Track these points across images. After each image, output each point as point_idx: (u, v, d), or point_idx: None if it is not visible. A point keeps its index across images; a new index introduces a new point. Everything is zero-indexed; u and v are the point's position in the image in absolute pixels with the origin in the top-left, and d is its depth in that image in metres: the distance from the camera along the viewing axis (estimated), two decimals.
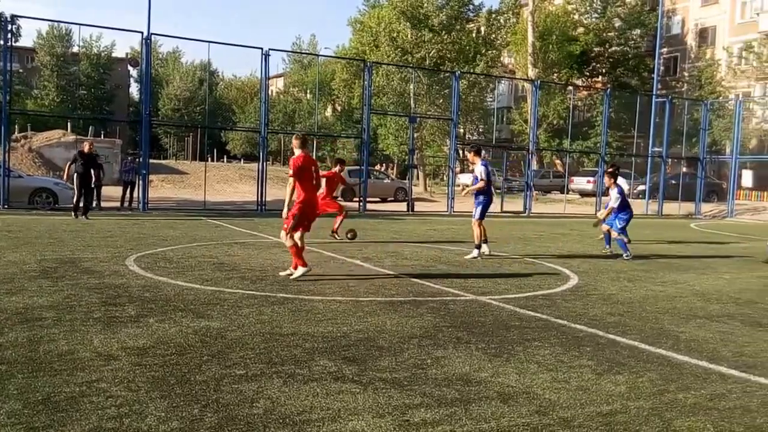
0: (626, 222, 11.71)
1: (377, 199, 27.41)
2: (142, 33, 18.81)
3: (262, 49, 20.00)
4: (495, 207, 25.04)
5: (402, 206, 24.26)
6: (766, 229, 21.02)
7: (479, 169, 10.69)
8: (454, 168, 25.24)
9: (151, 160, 24.71)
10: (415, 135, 29.96)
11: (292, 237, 7.72)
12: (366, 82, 22.58)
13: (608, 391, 4.14)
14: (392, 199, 28.64)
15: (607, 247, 12.19)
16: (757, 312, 7.02)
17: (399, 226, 16.80)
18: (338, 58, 48.76)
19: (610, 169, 12.12)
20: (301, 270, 7.77)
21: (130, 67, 65.02)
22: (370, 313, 6.11)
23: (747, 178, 30.59)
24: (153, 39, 20.18)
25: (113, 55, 63.31)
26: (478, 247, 10.61)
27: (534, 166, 28.40)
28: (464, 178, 29.07)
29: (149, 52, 19.23)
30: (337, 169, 12.82)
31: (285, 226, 7.81)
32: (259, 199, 20.18)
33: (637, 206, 27.67)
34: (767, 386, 4.40)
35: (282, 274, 8.02)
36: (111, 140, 34.63)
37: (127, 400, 3.65)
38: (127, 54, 65.83)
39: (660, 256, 12.13)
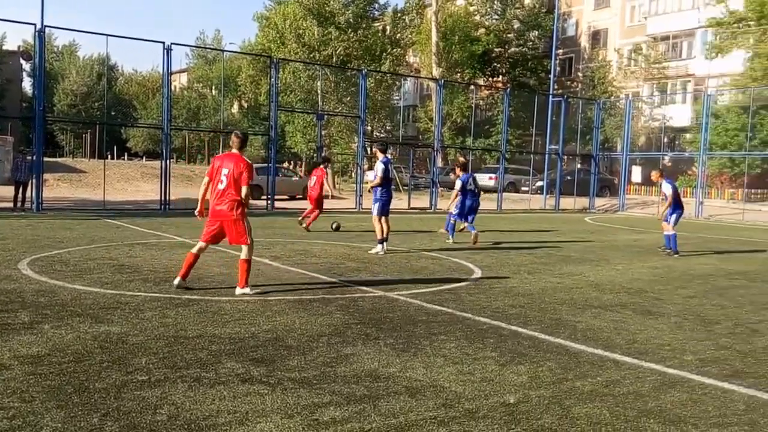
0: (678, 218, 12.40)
1: (285, 197, 27.12)
2: (35, 25, 17.56)
3: (164, 43, 19.24)
4: (402, 203, 25.54)
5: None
6: (653, 223, 22.57)
7: (378, 166, 11.01)
8: (362, 165, 25.36)
9: (46, 159, 23.17)
10: (323, 132, 29.86)
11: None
12: (273, 79, 22.24)
13: (511, 381, 4.30)
14: (300, 196, 28.41)
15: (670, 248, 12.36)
16: (647, 301, 7.52)
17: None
18: (244, 54, 47.73)
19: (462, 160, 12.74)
20: None
21: (22, 61, 60.27)
22: (278, 313, 6.04)
23: (636, 173, 32.77)
24: (47, 31, 18.93)
25: (4, 47, 58.71)
26: (381, 242, 10.79)
27: (439, 163, 29.06)
28: (371, 175, 29.26)
29: (43, 45, 18.06)
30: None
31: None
32: (163, 198, 19.40)
33: (536, 201, 29.33)
34: (657, 371, 4.71)
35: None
36: (2, 138, 32.18)
37: (20, 412, 3.42)
38: (19, 47, 61.18)
39: (557, 248, 12.74)
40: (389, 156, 11.74)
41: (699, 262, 11.47)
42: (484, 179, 33.25)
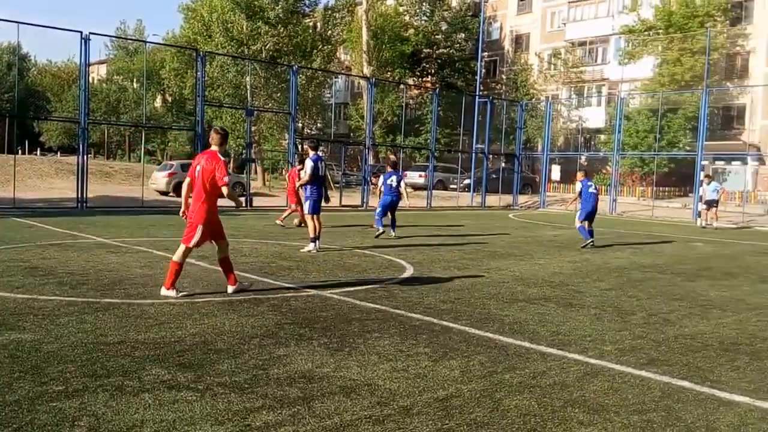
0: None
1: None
2: None
3: (81, 32, 18.35)
4: (334, 201, 25.43)
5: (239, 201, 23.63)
6: (570, 218, 23.42)
7: (307, 163, 10.98)
8: (293, 162, 25.08)
9: None
10: (253, 128, 29.34)
11: None
12: (199, 73, 21.65)
13: (443, 377, 4.35)
14: None
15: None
16: (568, 294, 7.79)
17: (237, 222, 16.36)
18: (168, 45, 46.15)
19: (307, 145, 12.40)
20: None
21: None
22: (206, 315, 5.86)
23: (556, 172, 34.24)
24: None
25: None
26: (314, 240, 10.72)
27: (371, 160, 29.15)
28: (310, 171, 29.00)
29: None
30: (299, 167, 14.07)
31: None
32: (79, 196, 18.53)
33: (464, 199, 29.97)
34: (580, 362, 4.88)
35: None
36: None
37: None
38: None
39: (485, 244, 13.01)
40: (320, 153, 11.66)
41: (614, 255, 12.00)
42: (414, 177, 33.73)
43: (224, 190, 6.48)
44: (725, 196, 23.92)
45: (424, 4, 46.59)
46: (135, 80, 58.43)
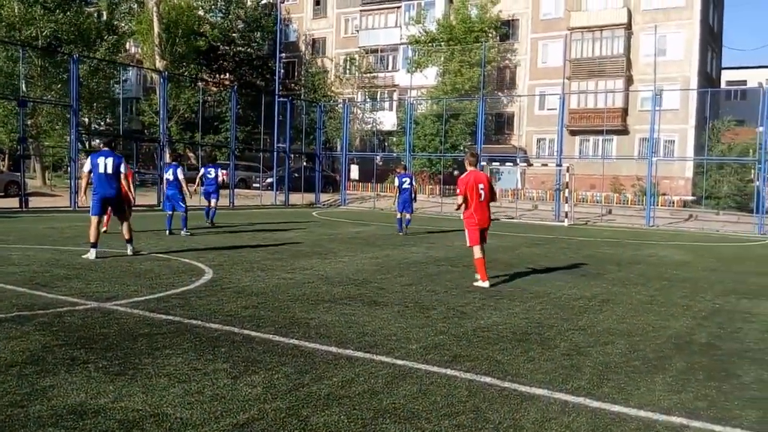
0: None
1: None
2: None
3: None
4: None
5: (15, 202, 20.74)
6: (370, 215, 24.17)
7: (88, 160, 9.91)
8: (76, 159, 22.65)
9: None
10: (29, 122, 25.92)
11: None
12: None
13: (245, 396, 3.93)
14: (2, 194, 24.82)
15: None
16: (372, 291, 7.78)
17: (8, 225, 14.24)
18: None
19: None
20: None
21: None
22: None
23: (354, 171, 35.50)
24: None
25: None
26: (94, 245, 9.59)
27: (167, 158, 27.34)
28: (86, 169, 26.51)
29: None
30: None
31: None
32: None
33: (267, 197, 29.45)
34: (388, 364, 4.74)
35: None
36: None
37: None
38: None
39: (289, 243, 12.72)
40: (109, 149, 10.42)
41: (412, 251, 12.46)
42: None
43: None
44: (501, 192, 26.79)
45: (218, 0, 45.44)
46: None
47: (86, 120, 38.76)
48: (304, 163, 36.93)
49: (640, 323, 6.54)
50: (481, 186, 8.44)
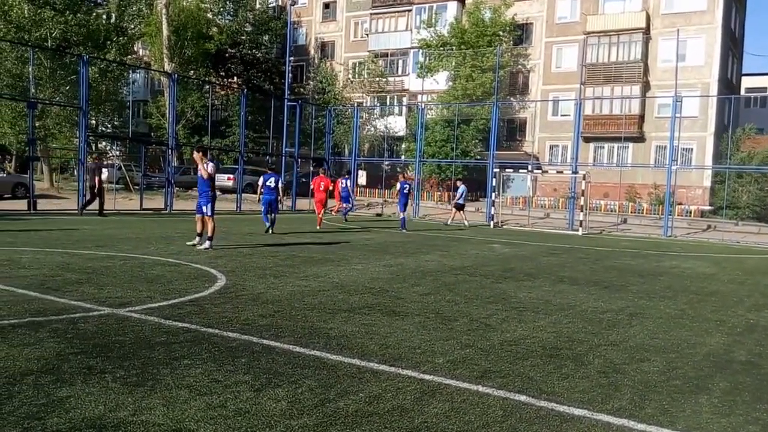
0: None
1: None
2: None
3: None
4: (134, 204, 23.29)
5: (23, 204, 20.68)
6: (378, 221, 24.00)
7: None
8: (85, 162, 22.54)
9: None
10: (38, 124, 25.88)
11: None
12: None
13: (269, 411, 3.75)
14: (9, 196, 24.77)
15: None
16: (389, 300, 7.59)
17: (17, 227, 14.13)
18: None
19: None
20: None
21: None
22: None
23: (362, 177, 35.32)
24: None
25: None
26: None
27: (175, 162, 27.29)
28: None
29: None
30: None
31: None
32: None
33: None
34: (415, 379, 4.54)
35: None
36: None
37: None
38: None
39: (299, 249, 12.55)
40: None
41: (425, 259, 12.25)
42: (223, 180, 32.35)
43: None
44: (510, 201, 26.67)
45: (227, 2, 45.40)
46: None
47: (94, 122, 38.77)
48: (312, 168, 36.76)
49: (673, 339, 6.33)
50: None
